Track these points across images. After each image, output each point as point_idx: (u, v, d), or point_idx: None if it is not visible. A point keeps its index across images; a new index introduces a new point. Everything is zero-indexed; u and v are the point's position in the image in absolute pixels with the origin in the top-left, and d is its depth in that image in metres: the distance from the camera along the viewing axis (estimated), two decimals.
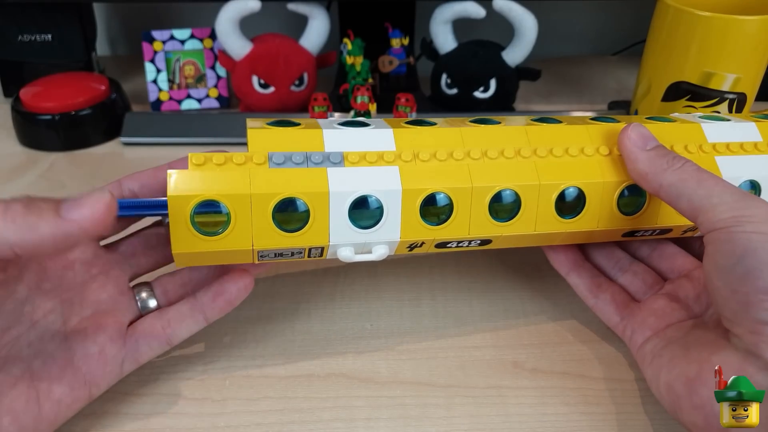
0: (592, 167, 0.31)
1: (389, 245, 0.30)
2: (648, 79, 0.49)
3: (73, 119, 0.53)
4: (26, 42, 0.59)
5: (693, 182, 0.28)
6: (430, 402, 0.31)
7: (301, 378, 0.32)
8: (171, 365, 0.33)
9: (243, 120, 0.56)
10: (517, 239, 0.32)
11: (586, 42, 0.78)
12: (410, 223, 0.29)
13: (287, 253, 0.29)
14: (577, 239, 0.34)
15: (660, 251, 0.35)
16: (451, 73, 0.57)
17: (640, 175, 0.30)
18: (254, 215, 0.27)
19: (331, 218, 0.28)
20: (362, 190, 0.28)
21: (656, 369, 0.28)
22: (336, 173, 0.28)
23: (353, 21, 0.61)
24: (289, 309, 0.36)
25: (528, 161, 0.31)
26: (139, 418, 0.30)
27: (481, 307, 0.37)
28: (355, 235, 0.29)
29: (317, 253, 0.30)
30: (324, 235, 0.28)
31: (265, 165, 0.28)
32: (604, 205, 0.31)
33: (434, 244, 0.31)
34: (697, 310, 0.31)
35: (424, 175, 0.29)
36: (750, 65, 0.45)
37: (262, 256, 0.29)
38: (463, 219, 0.30)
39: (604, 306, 0.34)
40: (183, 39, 0.59)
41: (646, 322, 0.31)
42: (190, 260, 0.29)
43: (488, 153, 0.30)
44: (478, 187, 0.29)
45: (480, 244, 0.32)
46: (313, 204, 0.28)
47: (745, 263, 0.25)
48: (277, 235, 0.28)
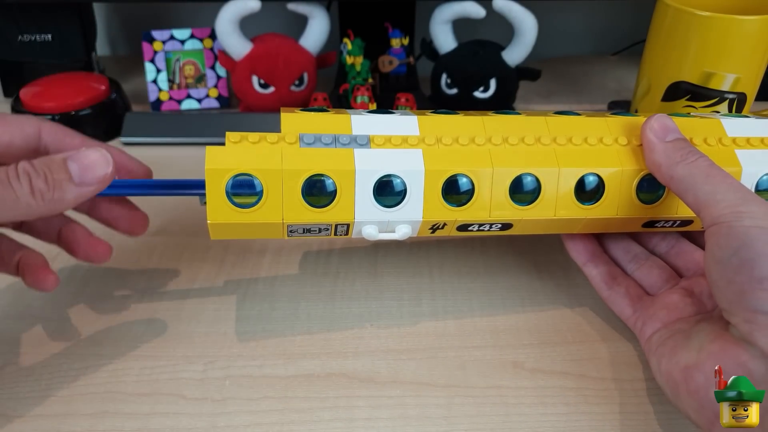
0: (611, 156, 0.32)
1: (412, 225, 0.31)
2: (648, 79, 0.49)
3: (73, 119, 0.53)
4: (26, 42, 0.59)
5: (701, 177, 0.28)
6: (430, 402, 0.31)
7: (301, 378, 0.32)
8: (171, 365, 0.33)
9: (243, 120, 0.56)
10: (537, 225, 0.32)
11: (586, 42, 0.78)
12: (432, 204, 0.30)
13: (315, 230, 0.31)
14: (596, 227, 0.34)
15: (678, 249, 0.36)
16: (451, 73, 0.57)
17: (655, 165, 0.31)
18: (285, 190, 0.29)
19: (357, 195, 0.30)
20: (387, 170, 0.30)
21: (659, 357, 0.29)
22: (362, 153, 0.30)
23: (353, 21, 0.61)
24: (289, 309, 0.36)
25: (548, 148, 0.32)
26: (139, 418, 0.30)
27: (481, 307, 0.37)
28: (379, 213, 0.30)
29: (343, 230, 0.31)
30: (350, 212, 0.30)
31: (296, 144, 0.30)
32: (623, 193, 0.32)
33: (456, 227, 0.32)
34: (710, 307, 0.31)
35: (447, 158, 0.31)
36: (750, 65, 0.45)
37: (291, 231, 0.31)
38: (484, 201, 0.31)
39: (618, 298, 0.34)
40: (183, 39, 0.59)
41: (657, 314, 0.32)
42: (224, 232, 0.30)
43: (509, 140, 0.32)
44: (498, 170, 0.31)
45: (501, 228, 0.32)
46: (340, 181, 0.29)
47: (740, 254, 0.25)
48: (306, 210, 0.29)
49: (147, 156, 0.54)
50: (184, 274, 0.39)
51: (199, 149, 0.54)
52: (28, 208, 0.26)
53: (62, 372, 0.32)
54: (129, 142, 0.55)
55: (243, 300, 0.37)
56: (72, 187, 0.26)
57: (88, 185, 0.27)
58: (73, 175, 0.26)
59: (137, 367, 0.32)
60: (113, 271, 0.39)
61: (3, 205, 0.25)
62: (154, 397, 0.31)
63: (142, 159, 0.35)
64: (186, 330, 0.35)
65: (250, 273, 0.39)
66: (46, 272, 0.31)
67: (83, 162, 0.27)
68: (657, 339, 0.30)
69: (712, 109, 0.46)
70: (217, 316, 0.36)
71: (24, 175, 0.25)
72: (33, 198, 0.25)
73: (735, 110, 0.46)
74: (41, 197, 0.26)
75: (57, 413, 0.30)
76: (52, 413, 0.30)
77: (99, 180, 0.27)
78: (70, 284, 0.38)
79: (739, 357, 0.25)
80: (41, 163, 0.26)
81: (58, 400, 0.31)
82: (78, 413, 0.30)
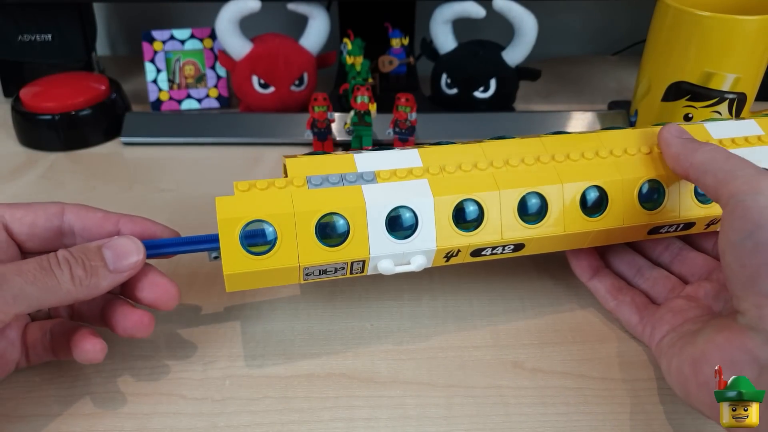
0: (609, 167, 0.33)
1: (426, 255, 0.31)
2: (648, 79, 0.49)
3: (73, 119, 0.53)
4: (26, 42, 0.59)
5: (722, 159, 0.29)
6: (430, 402, 0.31)
7: (301, 378, 0.32)
8: (171, 365, 0.33)
9: (243, 120, 0.56)
10: (548, 243, 0.33)
11: (586, 42, 0.78)
12: (444, 231, 0.31)
13: (331, 270, 0.31)
14: (605, 239, 0.35)
15: (682, 257, 0.36)
16: (451, 73, 0.57)
17: (673, 157, 0.32)
18: (299, 232, 0.29)
19: (370, 230, 0.30)
20: (396, 202, 0.30)
21: (669, 358, 0.29)
22: (370, 189, 0.31)
23: (353, 21, 0.61)
24: (289, 309, 0.36)
25: (548, 165, 0.33)
26: (139, 418, 0.30)
27: (481, 307, 0.37)
28: (393, 246, 0.30)
29: (359, 268, 0.31)
30: (364, 248, 0.30)
31: (305, 186, 0.30)
32: (626, 201, 0.33)
33: (469, 252, 0.32)
34: (716, 309, 0.32)
35: (452, 184, 0.31)
36: (750, 65, 0.45)
37: (308, 274, 0.31)
38: (495, 224, 0.31)
39: (624, 307, 0.34)
40: (183, 39, 0.59)
41: (665, 318, 0.32)
42: (239, 283, 0.30)
43: (510, 161, 0.33)
44: (505, 192, 0.32)
45: (513, 250, 0.33)
46: (353, 218, 0.30)
47: (755, 237, 0.25)
48: (321, 250, 0.30)
49: (147, 156, 0.54)
50: (184, 274, 0.39)
51: (199, 149, 0.54)
52: (68, 294, 0.27)
53: (62, 372, 0.32)
54: (129, 142, 0.55)
55: (243, 300, 0.37)
56: (107, 274, 0.28)
57: (121, 272, 0.29)
58: (107, 262, 0.28)
59: (137, 367, 0.32)
60: None
61: (47, 292, 0.27)
62: (154, 397, 0.31)
63: (142, 159, 0.35)
64: (186, 330, 0.35)
65: None
66: (92, 341, 0.29)
67: (117, 250, 0.29)
68: (667, 342, 0.30)
69: (712, 109, 0.46)
70: (218, 316, 0.36)
71: (65, 263, 0.27)
72: (72, 284, 0.27)
73: (735, 110, 0.46)
74: (80, 283, 0.27)
75: (57, 413, 0.30)
76: (52, 413, 0.30)
77: (131, 267, 0.29)
78: None
79: (746, 344, 0.25)
80: (78, 251, 0.28)
81: (58, 400, 0.31)
82: (78, 413, 0.30)
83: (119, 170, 0.52)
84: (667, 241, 0.37)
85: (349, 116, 0.51)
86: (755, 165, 0.28)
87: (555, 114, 0.56)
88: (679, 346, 0.29)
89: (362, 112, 0.51)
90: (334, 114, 0.52)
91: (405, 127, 0.51)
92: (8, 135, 0.56)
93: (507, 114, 0.57)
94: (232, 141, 0.55)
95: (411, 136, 0.51)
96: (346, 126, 0.53)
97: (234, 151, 0.54)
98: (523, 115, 0.57)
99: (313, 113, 0.51)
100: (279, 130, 0.55)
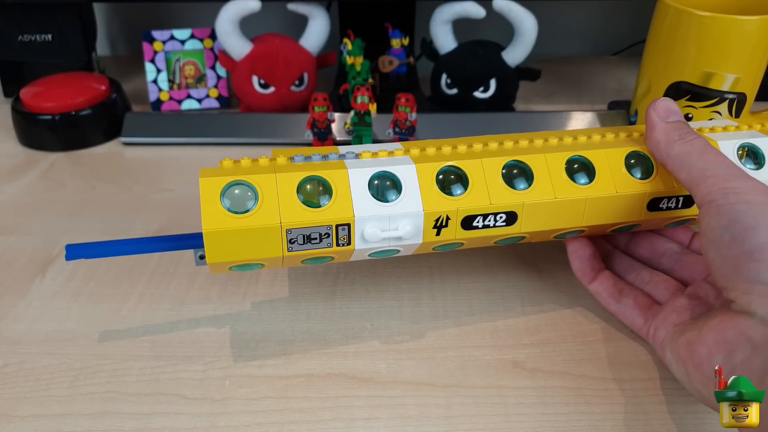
0: (594, 145, 0.34)
1: (414, 222, 0.31)
2: (648, 79, 0.49)
3: (73, 119, 0.53)
4: (26, 42, 0.59)
5: (696, 155, 0.30)
6: (430, 402, 0.31)
7: (301, 378, 0.32)
8: (171, 365, 0.33)
9: (243, 120, 0.56)
10: (543, 214, 0.33)
11: (586, 42, 0.79)
12: (430, 195, 0.31)
13: (315, 238, 0.30)
14: (604, 214, 0.34)
15: (683, 262, 0.36)
16: (451, 73, 0.57)
17: (654, 143, 0.32)
18: (280, 193, 0.30)
19: (353, 191, 0.30)
20: (379, 168, 0.31)
21: (670, 346, 0.30)
22: (353, 162, 0.31)
23: (353, 21, 0.61)
24: (289, 309, 0.36)
25: (531, 144, 0.34)
26: (139, 418, 0.30)
27: (481, 307, 0.37)
28: (378, 208, 0.30)
29: (345, 237, 0.31)
30: (348, 209, 0.30)
31: (288, 162, 0.31)
32: (614, 169, 0.33)
33: (460, 222, 0.32)
34: (717, 306, 0.32)
35: (434, 157, 0.32)
36: (750, 65, 0.45)
37: (291, 241, 0.30)
38: (481, 188, 0.32)
39: (627, 310, 0.34)
40: (183, 39, 0.59)
41: (669, 318, 0.32)
42: (222, 252, 0.29)
43: (488, 145, 0.34)
44: (487, 160, 0.32)
45: (507, 222, 0.32)
46: (334, 180, 0.30)
47: (730, 231, 0.26)
48: (303, 210, 0.30)
49: (147, 156, 0.54)
50: (184, 273, 0.39)
51: (199, 149, 0.54)
52: None
53: (62, 372, 0.32)
54: (129, 142, 0.55)
55: (243, 300, 0.37)
56: None
57: None
58: None
59: (137, 367, 0.33)
60: (113, 270, 0.39)
61: None
62: (154, 397, 0.31)
63: (142, 159, 0.35)
64: (186, 330, 0.35)
65: (250, 273, 0.39)
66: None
67: None
68: (669, 337, 0.30)
69: (712, 110, 0.46)
70: (217, 316, 0.36)
71: None
72: None
73: (735, 110, 0.46)
74: None
75: (57, 413, 0.30)
76: (52, 413, 0.30)
77: None
78: (70, 284, 0.38)
79: (739, 325, 0.26)
80: None
81: (58, 400, 0.31)
82: (78, 413, 0.30)
83: (119, 170, 0.51)
84: (667, 245, 0.37)
85: (349, 116, 0.51)
86: (727, 162, 0.29)
87: (555, 114, 0.56)
88: (678, 334, 0.29)
89: (362, 112, 0.51)
90: (334, 114, 0.52)
91: (405, 127, 0.51)
92: (8, 135, 0.56)
93: (507, 114, 0.57)
94: (232, 141, 0.55)
95: (411, 136, 0.51)
96: (346, 126, 0.53)
97: (234, 151, 0.54)
98: (523, 116, 0.57)
99: (313, 113, 0.51)
100: (279, 130, 0.55)
